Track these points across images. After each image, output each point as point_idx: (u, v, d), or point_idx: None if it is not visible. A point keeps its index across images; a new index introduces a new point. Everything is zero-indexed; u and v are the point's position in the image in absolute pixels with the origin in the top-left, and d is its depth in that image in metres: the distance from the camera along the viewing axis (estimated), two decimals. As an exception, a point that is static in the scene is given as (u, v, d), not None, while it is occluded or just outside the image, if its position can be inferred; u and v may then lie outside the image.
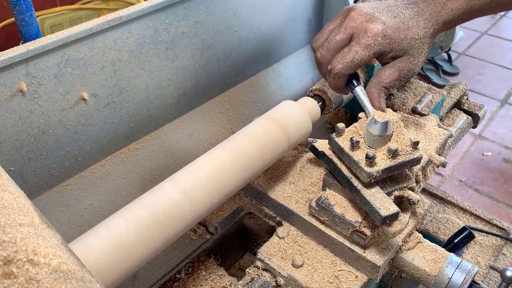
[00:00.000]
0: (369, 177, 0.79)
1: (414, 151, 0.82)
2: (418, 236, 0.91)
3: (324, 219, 0.88)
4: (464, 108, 1.42)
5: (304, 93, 1.49)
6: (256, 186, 0.99)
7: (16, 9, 1.11)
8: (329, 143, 0.89)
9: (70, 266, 0.45)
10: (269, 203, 0.98)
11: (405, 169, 0.84)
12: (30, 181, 0.91)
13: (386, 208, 0.77)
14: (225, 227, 1.03)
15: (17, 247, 0.43)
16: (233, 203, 1.03)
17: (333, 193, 0.89)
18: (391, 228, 0.87)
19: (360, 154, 0.82)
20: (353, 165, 0.82)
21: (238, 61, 1.28)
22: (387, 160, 0.80)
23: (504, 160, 2.53)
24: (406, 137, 0.83)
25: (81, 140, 0.97)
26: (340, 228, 0.86)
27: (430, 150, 0.99)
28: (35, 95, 0.86)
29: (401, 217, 0.88)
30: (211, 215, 1.00)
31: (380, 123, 0.81)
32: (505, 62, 3.39)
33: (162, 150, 1.12)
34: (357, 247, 0.86)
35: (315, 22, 1.49)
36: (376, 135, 0.81)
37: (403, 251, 0.89)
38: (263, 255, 0.89)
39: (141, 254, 0.71)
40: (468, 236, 1.03)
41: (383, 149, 0.82)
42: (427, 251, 0.89)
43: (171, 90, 1.12)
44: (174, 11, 1.05)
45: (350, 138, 0.83)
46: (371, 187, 0.81)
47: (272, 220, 1.00)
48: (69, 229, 0.96)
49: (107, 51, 0.95)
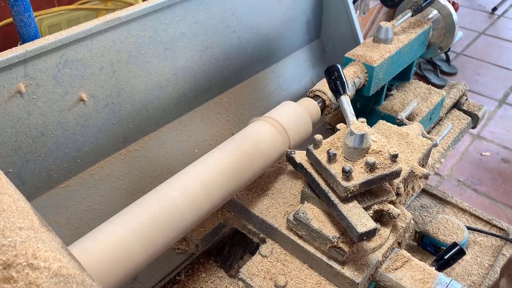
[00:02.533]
0: (346, 191, 0.76)
1: (393, 164, 0.79)
2: (405, 255, 0.88)
3: (302, 233, 0.85)
4: (464, 108, 1.41)
5: (303, 93, 1.49)
6: (237, 199, 0.96)
7: (14, 10, 1.10)
8: (307, 155, 0.86)
9: (70, 270, 0.44)
10: (249, 217, 0.95)
11: (384, 182, 0.81)
12: (29, 183, 0.90)
13: (363, 224, 0.75)
14: (206, 244, 0.99)
15: (17, 251, 0.42)
16: (215, 219, 0.99)
17: (311, 207, 0.86)
18: (371, 243, 0.84)
19: (337, 167, 0.79)
20: (330, 179, 0.79)
21: (237, 62, 1.28)
22: (365, 173, 0.78)
23: (502, 160, 2.53)
24: (385, 149, 0.80)
25: (80, 142, 0.96)
26: (318, 243, 0.83)
27: (412, 161, 0.95)
28: (33, 96, 0.85)
29: (381, 232, 0.86)
30: (192, 232, 0.96)
31: (356, 135, 0.78)
32: (503, 62, 3.39)
33: (161, 151, 1.11)
34: (335, 263, 0.83)
35: (314, 23, 1.49)
36: (352, 148, 0.78)
37: (390, 271, 0.86)
38: (245, 275, 0.86)
39: (141, 257, 0.70)
40: (459, 252, 1.01)
41: (361, 162, 0.79)
42: (416, 270, 0.86)
43: (170, 91, 1.12)
44: (173, 11, 1.04)
45: (327, 150, 0.80)
46: (349, 201, 0.79)
47: (256, 236, 0.97)
48: (68, 230, 0.95)
49: (106, 51, 0.94)
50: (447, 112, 1.39)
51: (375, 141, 0.81)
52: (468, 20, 3.95)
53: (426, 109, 1.23)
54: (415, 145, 1.00)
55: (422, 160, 0.99)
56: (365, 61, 1.09)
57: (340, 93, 0.88)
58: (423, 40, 1.24)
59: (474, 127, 1.42)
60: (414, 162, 0.95)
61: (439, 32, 1.27)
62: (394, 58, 1.14)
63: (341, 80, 0.88)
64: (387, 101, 1.26)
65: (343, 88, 0.88)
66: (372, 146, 0.80)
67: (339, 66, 0.90)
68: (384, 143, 0.81)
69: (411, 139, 1.01)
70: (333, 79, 0.89)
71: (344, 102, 0.87)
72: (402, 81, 1.34)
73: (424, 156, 0.99)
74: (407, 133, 1.03)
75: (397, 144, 1.00)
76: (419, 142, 1.00)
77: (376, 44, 1.14)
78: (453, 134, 1.32)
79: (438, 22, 1.26)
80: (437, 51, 1.31)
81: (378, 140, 0.81)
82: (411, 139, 1.01)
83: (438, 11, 1.26)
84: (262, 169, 0.91)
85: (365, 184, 0.78)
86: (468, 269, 1.32)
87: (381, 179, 0.79)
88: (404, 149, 0.99)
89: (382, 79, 1.14)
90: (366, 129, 0.79)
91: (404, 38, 1.17)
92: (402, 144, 1.00)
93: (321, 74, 1.56)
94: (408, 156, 0.97)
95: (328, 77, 0.90)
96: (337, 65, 0.90)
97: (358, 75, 1.07)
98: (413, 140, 1.01)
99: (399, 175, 0.80)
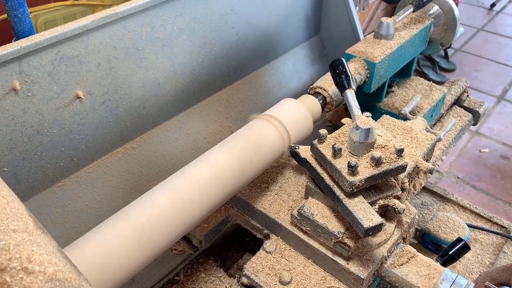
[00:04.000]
0: (352, 186, 0.75)
1: (399, 159, 0.78)
2: (411, 251, 0.87)
3: (306, 229, 0.84)
4: (465, 105, 1.40)
5: (303, 90, 1.47)
6: (241, 195, 0.95)
7: (8, 5, 1.08)
8: (311, 150, 0.85)
9: (66, 274, 0.43)
10: (253, 213, 0.94)
11: (390, 177, 0.80)
12: (24, 182, 0.89)
13: (369, 219, 0.74)
14: (210, 240, 0.98)
15: (11, 254, 0.41)
16: (218, 215, 0.98)
17: (316, 202, 0.85)
18: (376, 239, 0.83)
19: (342, 162, 0.78)
20: (335, 174, 0.78)
21: (236, 58, 1.26)
22: (371, 168, 0.77)
23: (501, 156, 2.53)
24: (391, 144, 0.79)
25: (76, 140, 0.95)
26: (323, 238, 0.82)
27: (416, 156, 0.94)
28: (28, 94, 0.84)
29: (386, 227, 0.85)
30: (195, 228, 0.95)
31: (362, 129, 0.76)
32: (501, 58, 3.39)
33: (159, 149, 1.10)
34: (340, 259, 0.82)
35: (313, 19, 1.47)
36: (358, 142, 0.77)
37: (396, 266, 0.85)
38: (250, 271, 0.85)
39: (140, 259, 0.69)
40: (463, 247, 1.00)
41: (366, 156, 0.78)
42: (421, 266, 0.85)
43: (168, 88, 1.10)
44: (171, 7, 1.02)
45: (332, 145, 0.79)
46: (354, 196, 0.78)
47: (260, 232, 0.95)
48: (65, 230, 0.94)
49: (102, 48, 0.92)
50: (448, 109, 1.38)
51: (380, 135, 0.80)
52: (466, 16, 3.95)
53: (427, 105, 1.22)
54: (419, 139, 0.99)
55: (427, 155, 0.98)
56: (366, 57, 1.07)
57: (345, 87, 0.87)
58: (425, 36, 1.22)
59: (475, 124, 1.41)
60: (419, 157, 0.94)
61: (440, 28, 1.26)
62: (395, 54, 1.12)
63: (346, 74, 0.87)
64: (388, 97, 1.25)
65: (348, 82, 0.87)
66: (377, 140, 0.79)
67: (343, 60, 0.88)
68: (390, 138, 0.80)
69: (415, 134, 1.00)
70: (337, 73, 0.87)
71: (349, 96, 0.86)
72: (403, 77, 1.33)
73: (428, 150, 0.98)
74: (411, 128, 1.02)
75: (401, 138, 0.99)
76: (424, 137, 0.99)
77: (377, 40, 1.12)
78: (455, 131, 1.31)
79: (440, 18, 1.25)
80: (438, 47, 1.30)
81: (383, 135, 0.80)
82: (415, 133, 1.00)
83: (440, 6, 1.24)
84: (262, 168, 0.90)
85: (371, 179, 0.77)
86: (469, 267, 1.32)
87: (386, 174, 0.78)
88: (408, 143, 0.98)
89: (383, 75, 1.12)
90: (372, 123, 0.78)
91: (405, 34, 1.15)
92: (406, 139, 0.99)
93: (321, 71, 1.55)
94: (413, 151, 0.96)
95: (333, 71, 0.88)
96: (342, 59, 0.89)
97: (359, 71, 1.06)
98: (417, 134, 1.00)
99: (405, 170, 0.79)
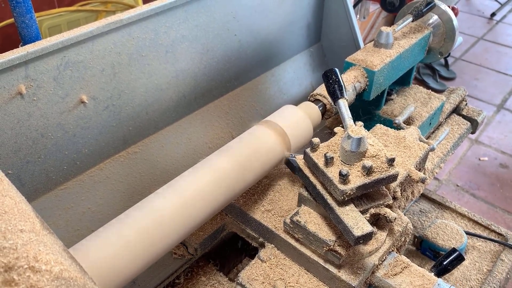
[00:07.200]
0: (343, 194, 0.76)
1: (390, 168, 0.79)
2: (405, 261, 0.88)
3: (299, 236, 0.85)
4: (463, 113, 1.42)
5: (303, 97, 1.49)
6: (235, 203, 0.96)
7: (16, 11, 1.10)
8: (304, 158, 0.86)
9: (72, 273, 0.44)
10: (247, 220, 0.95)
11: (381, 186, 0.81)
12: (28, 185, 0.90)
13: (359, 227, 0.75)
14: (205, 248, 0.98)
15: (18, 253, 0.42)
16: (214, 223, 0.99)
17: (308, 210, 0.86)
18: (367, 247, 0.84)
19: (334, 171, 0.79)
20: (327, 182, 0.79)
21: (238, 65, 1.28)
22: (362, 177, 0.78)
23: (500, 165, 2.54)
24: (382, 153, 0.80)
25: (80, 143, 0.96)
26: (315, 246, 0.83)
27: (409, 165, 0.95)
28: (34, 98, 0.85)
29: (377, 235, 0.86)
30: (190, 236, 0.96)
31: (354, 138, 0.78)
32: (501, 67, 3.40)
33: (161, 154, 1.11)
34: (331, 266, 0.83)
35: (314, 27, 1.49)
36: (349, 151, 0.78)
37: (390, 276, 0.85)
38: (244, 280, 0.85)
39: (142, 260, 0.70)
40: (457, 258, 1.01)
41: (358, 165, 0.79)
42: (415, 276, 0.85)
43: (171, 94, 1.11)
44: (174, 14, 1.04)
45: (324, 154, 0.80)
46: (346, 204, 0.79)
47: (255, 241, 0.96)
48: (67, 233, 0.95)
49: (107, 54, 0.94)
50: (447, 117, 1.39)
51: (372, 145, 0.81)
52: (467, 25, 3.97)
53: (426, 114, 1.23)
54: (412, 149, 0.99)
55: (419, 164, 0.99)
56: (366, 65, 1.09)
57: (337, 97, 0.88)
58: (424, 45, 1.24)
59: (473, 132, 1.42)
60: (411, 166, 0.95)
61: (439, 37, 1.28)
62: (394, 63, 1.14)
63: (339, 83, 0.88)
64: (387, 105, 1.26)
65: (340, 92, 0.88)
66: (369, 150, 0.80)
67: (336, 70, 0.90)
68: (381, 147, 0.81)
69: (408, 143, 1.01)
70: (330, 82, 0.89)
71: (342, 106, 0.87)
72: (402, 85, 1.34)
73: (421, 160, 0.99)
74: (404, 137, 1.02)
75: (394, 148, 1.00)
76: (416, 146, 1.00)
77: (377, 49, 1.14)
78: (453, 139, 1.32)
79: (439, 28, 1.27)
80: (437, 56, 1.31)
81: (375, 144, 0.81)
82: (408, 143, 1.01)
83: (439, 16, 1.26)
84: (262, 173, 0.91)
85: (362, 188, 0.78)
86: (466, 274, 1.32)
87: (377, 182, 0.79)
88: (401, 153, 0.99)
89: (383, 83, 1.14)
90: (363, 133, 0.79)
91: (404, 43, 1.17)
92: (399, 148, 1.00)
93: (321, 78, 1.56)
94: (405, 160, 0.97)
95: (326, 81, 0.90)
96: (335, 68, 0.90)
97: (358, 79, 1.08)
98: (410, 144, 1.01)
99: (396, 179, 0.80)
